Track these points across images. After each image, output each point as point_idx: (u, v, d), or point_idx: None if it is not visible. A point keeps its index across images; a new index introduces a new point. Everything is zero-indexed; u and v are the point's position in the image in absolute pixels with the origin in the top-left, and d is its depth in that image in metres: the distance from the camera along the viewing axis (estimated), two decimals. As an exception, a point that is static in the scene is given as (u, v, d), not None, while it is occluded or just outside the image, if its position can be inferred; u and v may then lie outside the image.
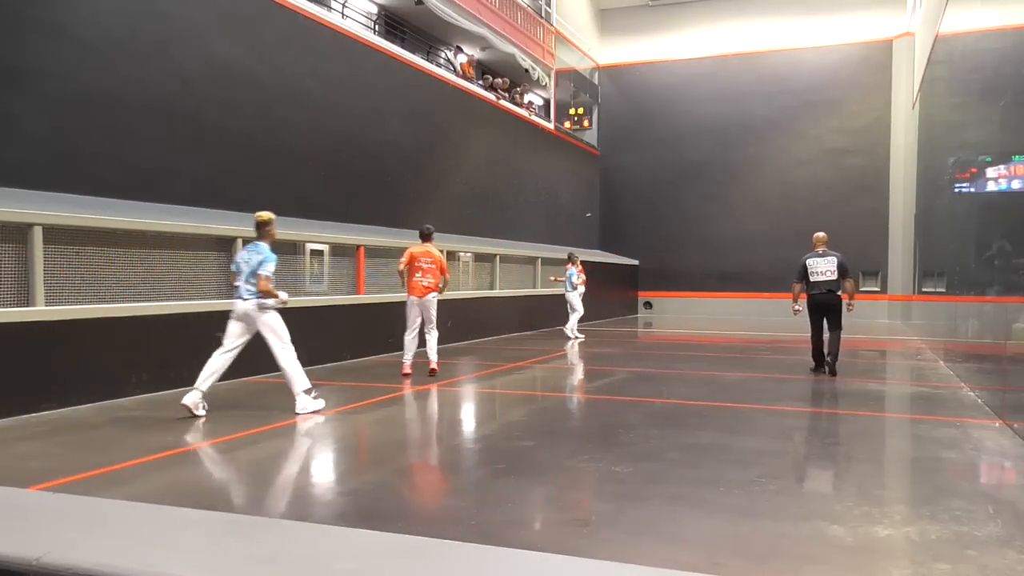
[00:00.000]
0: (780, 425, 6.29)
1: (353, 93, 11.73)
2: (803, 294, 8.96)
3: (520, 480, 4.44)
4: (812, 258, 8.81)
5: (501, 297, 14.64)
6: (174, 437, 5.49)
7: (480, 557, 1.49)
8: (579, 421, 6.66)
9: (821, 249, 8.89)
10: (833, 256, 8.78)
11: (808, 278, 8.78)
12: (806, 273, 8.79)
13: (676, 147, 22.36)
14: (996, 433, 5.74)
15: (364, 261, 10.56)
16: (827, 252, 8.84)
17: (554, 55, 19.93)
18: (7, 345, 6.06)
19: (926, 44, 14.48)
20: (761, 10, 21.97)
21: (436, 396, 7.63)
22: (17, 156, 6.92)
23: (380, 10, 14.47)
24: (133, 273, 7.26)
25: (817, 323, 8.97)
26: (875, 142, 20.50)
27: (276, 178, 10.02)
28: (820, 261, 8.76)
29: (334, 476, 4.90)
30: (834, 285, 8.71)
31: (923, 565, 3.13)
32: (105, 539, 1.51)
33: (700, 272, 21.90)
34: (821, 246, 8.93)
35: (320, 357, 9.50)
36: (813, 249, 8.93)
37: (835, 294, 8.74)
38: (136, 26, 8.06)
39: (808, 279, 8.78)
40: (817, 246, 8.93)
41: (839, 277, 8.70)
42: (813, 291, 8.79)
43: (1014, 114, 6.70)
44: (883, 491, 4.42)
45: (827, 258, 8.77)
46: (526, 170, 18.04)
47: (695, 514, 3.81)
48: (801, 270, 8.84)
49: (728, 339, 14.79)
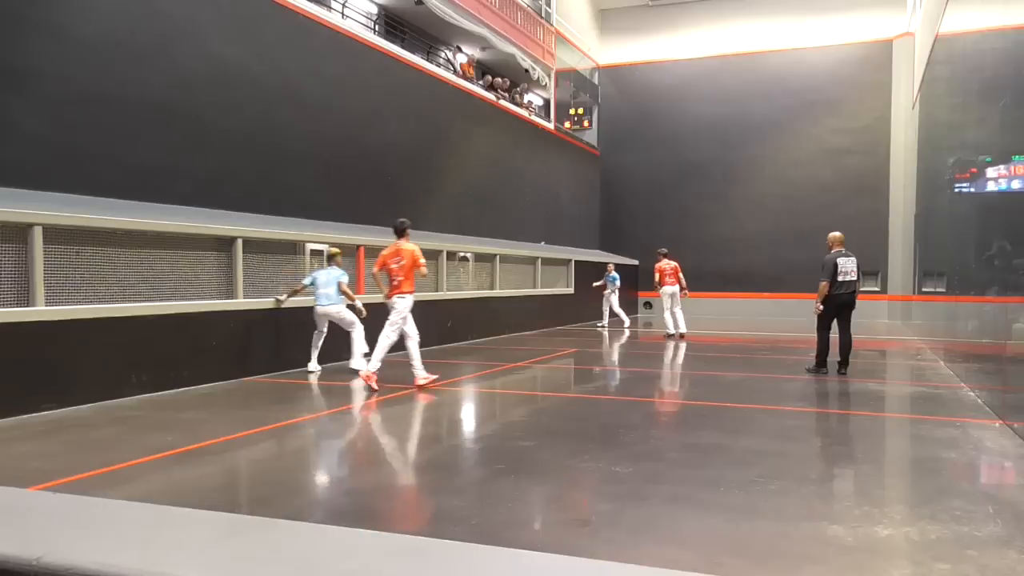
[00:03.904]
0: (780, 425, 6.29)
1: (353, 93, 11.73)
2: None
3: (520, 480, 4.44)
4: (841, 258, 8.75)
5: (501, 297, 14.64)
6: (174, 437, 5.49)
7: (480, 557, 1.49)
8: (579, 421, 6.65)
9: (842, 249, 8.87)
10: (853, 256, 8.82)
11: (836, 278, 8.70)
12: (835, 273, 8.69)
13: (676, 147, 22.36)
14: (996, 433, 5.74)
15: (364, 261, 10.56)
16: (848, 252, 8.85)
17: (554, 55, 19.93)
18: (7, 345, 6.06)
19: (926, 44, 14.49)
20: (761, 10, 21.97)
21: (436, 396, 7.63)
22: (17, 156, 6.92)
23: (380, 10, 14.47)
24: (133, 273, 7.26)
25: (830, 323, 8.94)
26: (875, 142, 20.51)
27: (276, 178, 10.02)
28: (847, 261, 8.73)
29: (334, 476, 4.90)
30: (855, 286, 8.77)
31: (923, 565, 3.13)
32: (105, 539, 1.51)
33: (700, 272, 21.86)
34: (840, 246, 8.90)
35: (320, 357, 9.49)
36: (831, 249, 8.89)
37: (855, 295, 8.80)
38: (136, 26, 8.06)
39: (835, 279, 8.70)
40: (837, 246, 8.89)
41: (856, 278, 8.77)
42: (840, 291, 8.73)
43: (1014, 114, 6.70)
44: (883, 491, 4.42)
45: (850, 258, 8.78)
46: (526, 170, 18.04)
47: (695, 514, 3.81)
48: (832, 269, 8.69)
49: (728, 339, 14.79)
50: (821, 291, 8.82)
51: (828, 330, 8.98)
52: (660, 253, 14.92)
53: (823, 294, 8.81)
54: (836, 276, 8.70)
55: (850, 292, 8.74)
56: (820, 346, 9.06)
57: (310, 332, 9.02)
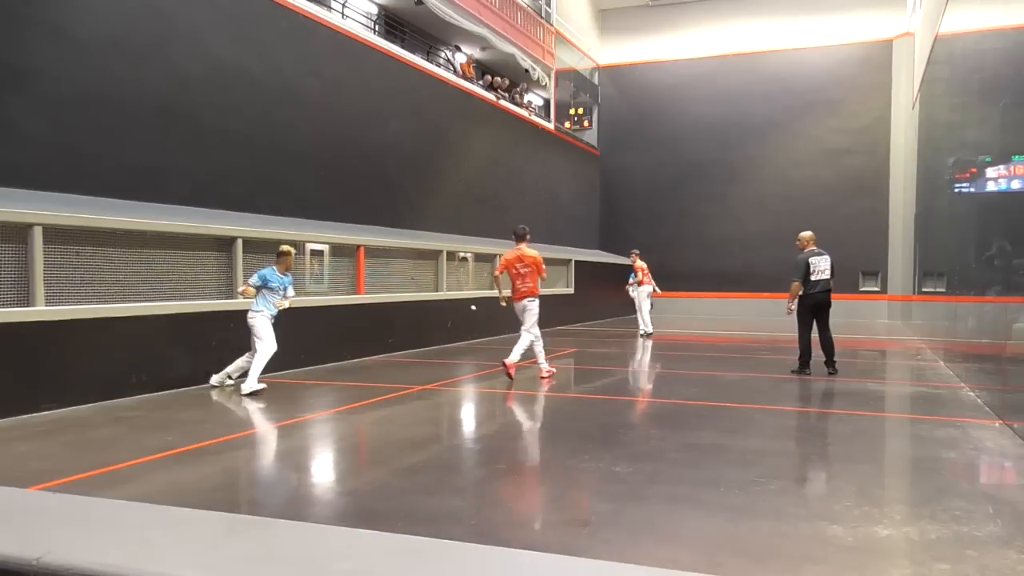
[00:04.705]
0: (780, 425, 6.29)
1: (353, 93, 11.73)
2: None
3: (520, 480, 4.44)
4: (814, 257, 8.73)
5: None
6: (174, 437, 5.49)
7: (480, 557, 1.49)
8: (579, 421, 6.66)
9: (815, 248, 8.86)
10: (827, 255, 8.79)
11: (809, 277, 8.70)
12: (808, 272, 8.71)
13: (676, 147, 22.37)
14: (996, 433, 5.74)
15: (364, 261, 10.56)
16: (822, 251, 8.82)
17: (554, 55, 19.93)
18: (7, 345, 6.06)
19: (926, 44, 14.48)
20: (761, 10, 21.97)
21: (436, 396, 7.63)
22: (17, 156, 6.92)
23: (380, 10, 14.47)
24: (133, 273, 7.26)
25: (810, 323, 8.89)
26: (875, 142, 20.51)
27: (276, 178, 10.02)
28: (820, 260, 8.72)
29: (334, 476, 4.90)
30: (830, 284, 8.73)
31: (923, 565, 3.13)
32: (105, 539, 1.51)
33: (700, 272, 21.89)
34: (813, 244, 8.89)
35: (320, 357, 9.50)
36: (804, 248, 8.87)
37: (830, 293, 8.77)
38: (135, 26, 8.06)
39: (809, 278, 8.71)
40: (810, 244, 8.88)
41: (831, 276, 8.74)
42: (814, 290, 8.71)
43: (1014, 114, 6.70)
44: (883, 491, 4.42)
45: (824, 257, 8.75)
46: (526, 170, 18.04)
47: (695, 514, 3.81)
48: (804, 268, 8.71)
49: (728, 339, 14.79)
50: (793, 291, 8.83)
51: (809, 330, 8.94)
52: (635, 253, 15.33)
53: (795, 294, 8.82)
54: (809, 275, 8.68)
55: (825, 291, 8.72)
56: (802, 347, 9.01)
57: (309, 331, 9.02)
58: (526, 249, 8.64)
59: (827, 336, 8.88)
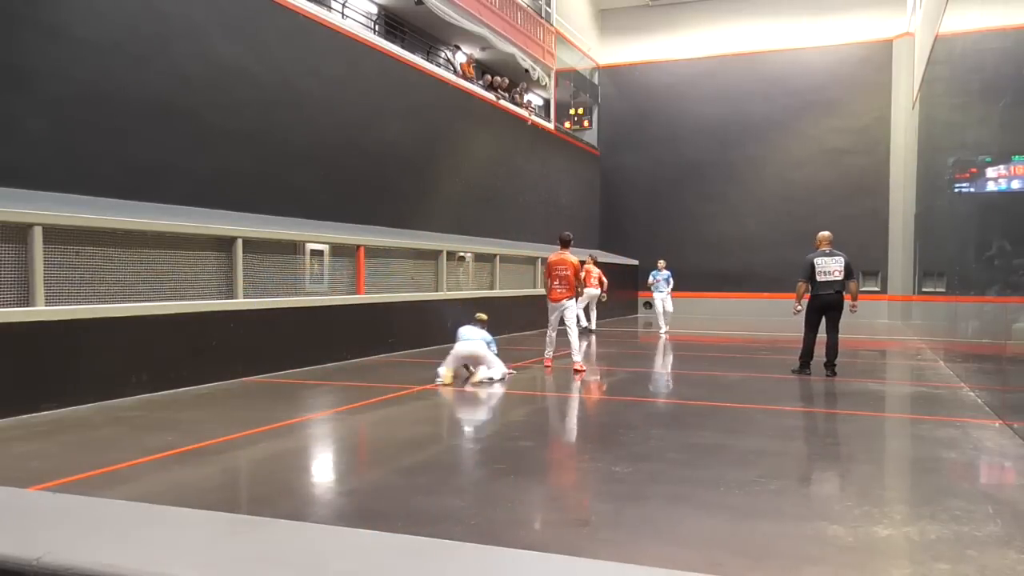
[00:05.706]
0: (780, 425, 6.29)
1: (353, 93, 11.73)
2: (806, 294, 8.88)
3: (520, 480, 4.44)
4: (820, 257, 8.64)
5: (501, 297, 14.63)
6: (174, 437, 5.49)
7: (480, 557, 1.49)
8: (579, 421, 6.66)
9: (827, 248, 8.75)
10: (840, 256, 8.66)
11: (815, 277, 8.61)
12: (813, 272, 8.62)
13: (676, 147, 22.37)
14: (996, 433, 5.74)
15: (364, 261, 10.56)
16: (834, 252, 8.70)
17: (554, 55, 19.93)
18: (7, 345, 6.06)
19: (926, 44, 14.48)
20: (761, 10, 21.97)
21: (436, 396, 7.63)
22: (17, 156, 6.92)
23: (380, 10, 14.47)
24: (133, 273, 7.26)
25: (816, 324, 8.81)
26: (875, 142, 20.51)
27: (276, 178, 10.03)
28: (828, 261, 8.60)
29: (334, 476, 4.91)
30: (840, 286, 8.59)
31: (923, 565, 3.13)
32: (105, 539, 1.51)
33: (700, 272, 21.88)
34: (827, 245, 8.78)
35: (320, 357, 9.50)
36: (816, 248, 8.79)
37: (841, 295, 8.64)
38: (136, 26, 8.06)
39: (815, 278, 8.62)
40: (823, 245, 8.78)
41: (845, 278, 8.59)
42: (820, 291, 8.62)
43: (1014, 114, 6.70)
44: (883, 491, 4.42)
45: (835, 258, 8.62)
46: (526, 170, 18.04)
47: (695, 514, 3.81)
48: (808, 269, 8.63)
49: (728, 339, 14.79)
50: (798, 291, 8.80)
51: (815, 331, 8.85)
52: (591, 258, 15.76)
53: (800, 294, 8.79)
54: (815, 276, 8.60)
55: (835, 292, 8.59)
56: (805, 347, 8.94)
57: (309, 332, 9.01)
58: (568, 255, 9.39)
59: (833, 338, 8.80)
